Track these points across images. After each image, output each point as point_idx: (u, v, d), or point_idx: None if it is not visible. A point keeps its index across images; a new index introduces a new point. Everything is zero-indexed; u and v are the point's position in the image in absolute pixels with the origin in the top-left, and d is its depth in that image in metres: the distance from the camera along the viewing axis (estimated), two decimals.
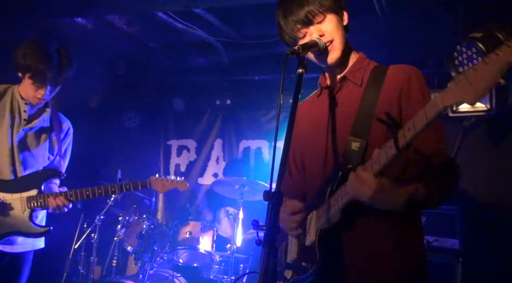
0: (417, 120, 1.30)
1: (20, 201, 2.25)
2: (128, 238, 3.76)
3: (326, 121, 1.76)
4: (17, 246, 2.29)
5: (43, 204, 2.30)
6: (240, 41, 4.56)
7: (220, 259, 3.96)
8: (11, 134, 2.27)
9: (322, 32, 1.67)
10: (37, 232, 2.29)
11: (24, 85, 2.31)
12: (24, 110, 2.32)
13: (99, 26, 4.37)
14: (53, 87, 2.31)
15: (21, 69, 2.28)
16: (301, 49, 1.59)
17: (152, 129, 5.65)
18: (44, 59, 2.22)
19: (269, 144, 5.24)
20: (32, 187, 2.30)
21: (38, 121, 2.38)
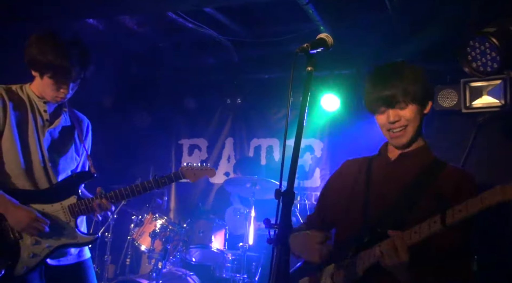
0: (471, 203, 1.32)
1: (62, 211, 2.09)
2: (141, 236, 3.79)
3: (377, 187, 1.79)
4: (71, 257, 2.18)
5: (86, 211, 2.12)
6: (250, 40, 4.56)
7: (232, 258, 3.97)
8: (38, 137, 2.09)
9: (399, 117, 1.70)
10: (86, 241, 2.15)
11: (42, 84, 2.08)
12: (44, 110, 2.13)
13: (110, 26, 4.40)
14: (74, 83, 2.11)
15: (39, 68, 2.04)
16: (310, 47, 1.60)
17: (163, 129, 5.68)
18: (64, 54, 2.00)
19: (280, 142, 5.24)
20: (70, 194, 2.12)
21: (60, 121, 2.19)
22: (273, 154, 5.25)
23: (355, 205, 1.80)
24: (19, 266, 1.97)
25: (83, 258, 2.23)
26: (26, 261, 1.99)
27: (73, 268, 2.17)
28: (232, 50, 4.73)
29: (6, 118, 2.04)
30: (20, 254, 1.99)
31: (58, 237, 2.07)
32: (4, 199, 1.96)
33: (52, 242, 2.06)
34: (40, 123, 2.12)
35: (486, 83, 3.34)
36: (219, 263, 4.01)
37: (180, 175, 2.36)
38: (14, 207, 1.97)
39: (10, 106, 2.06)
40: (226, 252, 3.93)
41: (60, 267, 2.11)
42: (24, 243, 2.00)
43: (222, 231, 3.99)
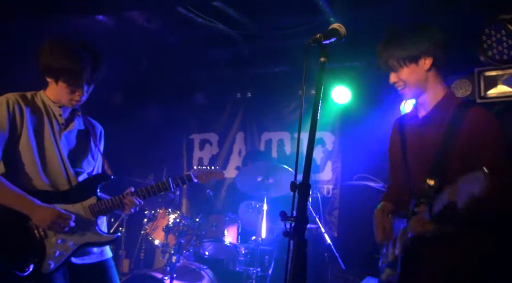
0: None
1: (83, 211, 2.14)
2: (155, 231, 3.81)
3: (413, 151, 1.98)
4: (94, 255, 2.21)
5: (105, 211, 2.17)
6: (260, 33, 4.53)
7: (245, 251, 3.98)
8: (55, 141, 2.14)
9: (397, 78, 1.94)
10: (108, 239, 2.20)
11: (57, 89, 2.14)
12: (60, 114, 2.18)
13: (119, 23, 4.41)
14: (88, 86, 2.16)
15: (53, 73, 2.10)
16: (323, 37, 1.59)
17: (174, 124, 5.70)
18: (77, 58, 2.05)
19: (291, 135, 5.22)
20: (90, 195, 2.17)
21: (74, 125, 2.25)
22: (284, 147, 5.23)
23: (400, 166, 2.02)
24: (46, 263, 2.00)
25: (105, 257, 2.26)
26: (52, 259, 2.02)
27: (96, 267, 2.20)
28: (242, 44, 4.72)
29: (23, 123, 2.08)
30: (46, 252, 2.02)
31: (81, 236, 2.12)
32: (27, 199, 2.00)
33: (75, 240, 2.10)
34: (56, 127, 2.18)
35: (501, 72, 3.29)
36: (232, 256, 4.02)
37: (192, 177, 2.50)
38: (38, 206, 2.01)
39: (27, 111, 2.11)
40: (239, 246, 3.94)
41: (83, 266, 2.15)
42: (49, 241, 2.04)
43: (234, 225, 4.00)
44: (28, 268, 1.97)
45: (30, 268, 1.97)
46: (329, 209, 4.80)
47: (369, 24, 3.99)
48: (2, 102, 2.07)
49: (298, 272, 1.21)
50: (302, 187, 1.34)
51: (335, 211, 4.80)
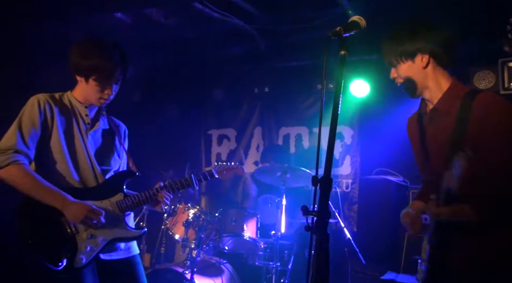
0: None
1: (111, 207, 2.18)
2: (175, 226, 3.85)
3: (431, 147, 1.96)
4: (122, 251, 2.26)
5: (132, 206, 2.23)
6: (276, 27, 4.51)
7: (265, 246, 3.99)
8: (82, 140, 2.20)
9: (396, 74, 1.95)
10: (135, 235, 2.24)
11: (87, 88, 2.19)
12: (86, 114, 2.24)
13: (137, 20, 4.45)
14: (116, 85, 2.22)
15: (84, 72, 2.16)
16: (343, 30, 1.57)
17: (192, 120, 5.74)
18: (108, 56, 2.11)
19: (309, 130, 5.20)
20: (117, 191, 2.22)
21: (100, 124, 2.30)
22: (302, 142, 5.22)
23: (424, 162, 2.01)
24: (78, 258, 2.05)
25: (132, 254, 2.31)
26: (83, 253, 2.07)
27: (124, 263, 2.25)
28: (259, 38, 4.70)
29: (54, 122, 2.15)
30: (78, 247, 2.07)
31: (110, 231, 2.16)
32: (61, 195, 2.05)
33: (105, 236, 2.14)
34: (83, 126, 2.24)
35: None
36: (251, 251, 4.04)
37: (213, 173, 2.54)
38: (71, 202, 2.06)
39: (56, 111, 2.17)
40: (258, 240, 3.95)
41: (111, 261, 2.19)
42: (80, 237, 2.09)
43: (253, 219, 4.01)
44: (61, 262, 2.02)
45: (63, 263, 2.03)
46: (348, 204, 4.78)
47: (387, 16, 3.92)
48: (34, 102, 2.13)
49: (321, 267, 1.20)
50: (324, 181, 1.33)
51: (355, 206, 4.77)
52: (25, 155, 2.06)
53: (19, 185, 2.02)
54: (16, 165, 2.01)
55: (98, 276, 2.16)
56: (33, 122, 2.09)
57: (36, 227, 2.07)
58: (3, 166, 2.00)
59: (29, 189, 2.03)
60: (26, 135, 2.06)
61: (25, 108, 2.14)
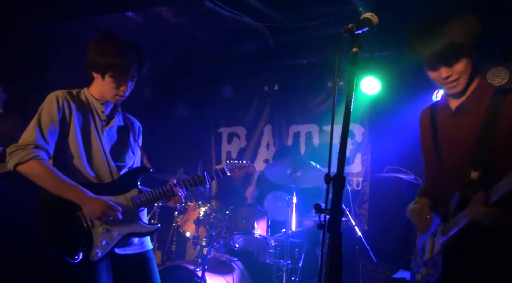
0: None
1: (126, 202, 2.21)
2: (186, 223, 3.88)
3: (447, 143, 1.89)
4: (135, 246, 2.25)
5: (146, 202, 2.26)
6: (287, 25, 4.50)
7: (275, 244, 4.00)
8: (98, 136, 2.23)
9: (451, 72, 1.77)
10: (149, 230, 2.27)
11: (103, 84, 2.22)
12: (102, 110, 2.28)
13: (147, 19, 4.47)
14: (132, 82, 2.25)
15: (100, 69, 2.19)
16: (355, 27, 1.56)
17: (202, 118, 5.76)
18: (123, 54, 2.15)
19: (319, 128, 5.18)
20: (131, 187, 2.25)
21: (115, 120, 2.34)
22: (313, 140, 5.20)
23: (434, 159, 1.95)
24: (94, 252, 2.09)
25: (146, 249, 2.33)
26: (99, 247, 2.11)
27: (137, 258, 2.27)
28: (268, 36, 4.69)
29: (71, 118, 2.19)
30: (94, 241, 2.10)
31: (125, 226, 2.19)
32: (80, 190, 2.09)
33: (120, 230, 2.18)
34: (99, 123, 2.28)
35: None
36: (262, 249, 4.04)
37: (226, 171, 2.58)
38: (89, 197, 2.09)
39: (74, 107, 2.21)
40: (269, 238, 3.96)
41: (125, 256, 2.22)
42: (96, 231, 2.12)
43: (264, 217, 4.01)
44: (78, 256, 2.06)
45: (79, 256, 2.06)
46: (359, 202, 4.76)
47: (398, 12, 3.89)
48: (52, 99, 2.17)
49: (334, 265, 1.20)
50: (337, 179, 1.32)
51: (365, 204, 4.74)
52: (45, 150, 2.10)
53: (40, 179, 2.07)
54: (37, 160, 2.05)
55: (112, 271, 2.19)
56: (52, 119, 2.13)
57: (53, 221, 2.11)
58: (24, 161, 2.04)
59: (49, 183, 2.07)
60: (45, 131, 2.10)
61: (43, 104, 2.17)
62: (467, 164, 1.73)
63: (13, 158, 2.05)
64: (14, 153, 2.06)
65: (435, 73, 1.80)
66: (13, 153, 2.06)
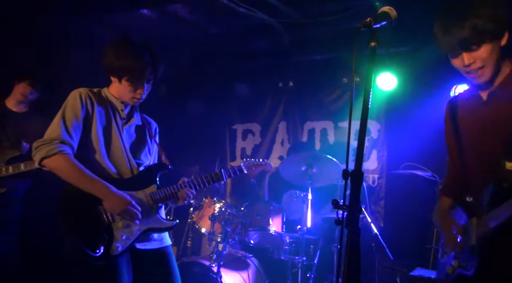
0: None
1: (145, 198, 2.25)
2: (201, 220, 3.89)
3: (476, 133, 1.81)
4: (155, 242, 2.31)
5: (164, 199, 2.30)
6: (301, 21, 4.47)
7: (290, 240, 3.99)
8: (119, 133, 2.28)
9: (474, 59, 1.68)
10: (168, 226, 2.30)
11: (120, 87, 2.27)
12: (122, 109, 2.33)
13: (162, 16, 4.50)
14: (148, 84, 2.29)
15: (117, 72, 2.24)
16: (373, 21, 1.55)
17: (217, 115, 5.77)
18: (139, 57, 2.19)
19: (334, 124, 5.15)
20: (150, 183, 2.29)
21: (134, 120, 2.39)
22: (328, 136, 5.17)
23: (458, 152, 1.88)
24: (114, 246, 2.12)
25: (165, 244, 2.36)
26: (120, 242, 2.14)
27: (157, 253, 2.30)
28: (283, 32, 4.67)
29: (94, 115, 2.23)
30: (114, 235, 2.14)
31: (145, 221, 2.22)
32: (103, 184, 2.12)
33: (140, 225, 2.20)
34: (119, 120, 2.33)
35: None
36: (277, 245, 4.04)
37: (243, 169, 2.61)
38: (112, 193, 2.13)
39: (96, 105, 2.25)
40: (284, 234, 3.95)
41: (145, 251, 2.25)
42: (116, 225, 2.16)
43: (279, 214, 4.01)
44: (99, 249, 2.09)
45: (101, 250, 2.09)
46: (374, 199, 4.72)
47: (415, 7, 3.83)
48: (76, 96, 2.21)
49: (353, 261, 1.19)
50: (355, 175, 1.31)
51: (381, 201, 4.70)
52: (70, 145, 2.13)
53: (65, 173, 2.10)
54: (62, 155, 2.09)
55: (132, 266, 2.22)
56: (75, 114, 2.17)
57: (75, 215, 2.14)
58: (50, 155, 2.08)
59: (74, 178, 2.10)
60: (69, 126, 2.14)
61: (67, 101, 2.21)
62: (500, 155, 1.65)
63: (39, 153, 2.09)
64: (40, 148, 2.10)
65: (457, 61, 1.71)
66: (39, 148, 2.10)
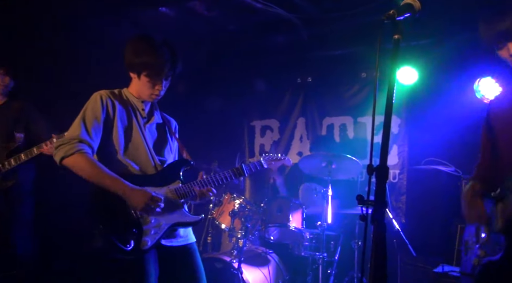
0: None
1: (170, 193, 2.28)
2: (221, 216, 3.91)
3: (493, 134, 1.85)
4: (181, 239, 2.34)
5: (188, 194, 2.31)
6: (320, 15, 4.43)
7: (310, 237, 3.98)
8: (141, 132, 2.32)
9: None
10: (194, 220, 2.32)
11: (139, 84, 2.32)
12: (142, 108, 2.37)
13: (181, 13, 4.52)
14: (167, 81, 2.32)
15: (136, 68, 2.28)
16: (396, 13, 1.52)
17: (235, 111, 5.77)
18: (158, 53, 2.22)
19: (353, 120, 5.10)
20: (174, 179, 2.32)
21: (154, 118, 2.43)
22: (347, 132, 5.12)
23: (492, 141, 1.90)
24: (144, 240, 2.15)
25: (190, 241, 2.39)
26: (149, 236, 2.17)
27: (182, 250, 2.32)
28: (301, 27, 4.64)
29: (115, 115, 2.27)
30: (143, 230, 2.17)
31: (172, 216, 2.25)
32: (122, 182, 2.15)
33: (167, 220, 2.23)
34: (141, 120, 2.36)
35: None
36: (297, 241, 4.04)
37: (263, 164, 2.62)
38: (131, 189, 2.15)
39: (117, 105, 2.29)
40: (304, 231, 3.94)
41: (171, 248, 2.27)
42: (144, 221, 2.19)
43: (299, 210, 4.00)
44: (130, 243, 2.12)
45: (131, 244, 2.13)
46: (396, 195, 4.66)
47: None
48: (97, 98, 2.25)
49: (380, 257, 1.18)
50: (381, 170, 1.30)
51: (403, 197, 4.64)
52: (89, 145, 2.17)
53: (84, 172, 2.13)
54: (81, 154, 2.12)
55: (158, 262, 2.24)
56: (96, 116, 2.21)
57: (105, 210, 2.17)
58: (69, 155, 2.11)
59: (92, 176, 2.13)
60: (89, 127, 2.18)
61: (88, 103, 2.25)
62: None
63: (59, 152, 2.13)
64: (60, 148, 2.14)
65: (503, 52, 1.71)
66: (59, 148, 2.15)
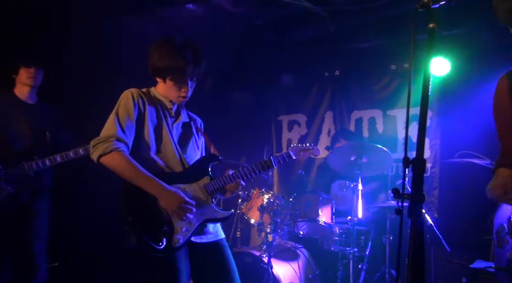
0: None
1: (200, 190, 2.29)
2: (250, 211, 3.93)
3: None
4: (211, 235, 2.35)
5: (219, 189, 2.33)
6: (347, 7, 4.36)
7: (340, 231, 3.94)
8: (169, 131, 2.33)
9: None
10: (224, 216, 2.33)
11: (166, 87, 2.33)
12: (170, 107, 2.39)
13: (208, 10, 4.53)
14: (192, 82, 2.33)
15: (161, 73, 2.30)
16: (431, 1, 1.48)
17: (262, 106, 5.77)
18: (180, 56, 2.21)
19: (383, 113, 5.01)
20: (203, 175, 2.33)
21: (181, 117, 2.44)
22: (376, 125, 5.04)
23: None
24: (175, 238, 2.17)
25: (219, 237, 2.40)
26: (180, 234, 2.18)
27: (213, 246, 2.33)
28: (328, 20, 4.58)
29: (145, 113, 2.29)
30: (174, 227, 2.18)
31: (202, 212, 2.26)
32: (156, 182, 2.17)
33: (197, 217, 2.24)
34: (169, 119, 2.38)
35: None
36: (326, 236, 4.01)
37: (291, 155, 2.57)
38: (166, 190, 2.17)
39: (147, 104, 2.32)
40: (333, 225, 3.91)
41: (201, 245, 2.29)
42: (175, 218, 2.20)
43: (328, 205, 3.96)
44: (162, 242, 2.14)
45: (164, 242, 2.14)
46: (428, 189, 4.55)
47: None
48: (128, 96, 2.28)
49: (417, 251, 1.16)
50: (417, 162, 1.27)
51: (435, 191, 4.54)
52: (125, 143, 2.19)
53: (120, 171, 2.15)
54: (118, 152, 2.14)
55: (189, 259, 2.27)
56: (128, 114, 2.23)
57: (137, 209, 2.19)
58: (106, 152, 2.14)
59: (129, 175, 2.15)
60: (124, 125, 2.20)
61: (120, 100, 2.28)
62: None
63: (97, 150, 2.16)
64: (97, 146, 2.17)
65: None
66: (96, 146, 2.17)
